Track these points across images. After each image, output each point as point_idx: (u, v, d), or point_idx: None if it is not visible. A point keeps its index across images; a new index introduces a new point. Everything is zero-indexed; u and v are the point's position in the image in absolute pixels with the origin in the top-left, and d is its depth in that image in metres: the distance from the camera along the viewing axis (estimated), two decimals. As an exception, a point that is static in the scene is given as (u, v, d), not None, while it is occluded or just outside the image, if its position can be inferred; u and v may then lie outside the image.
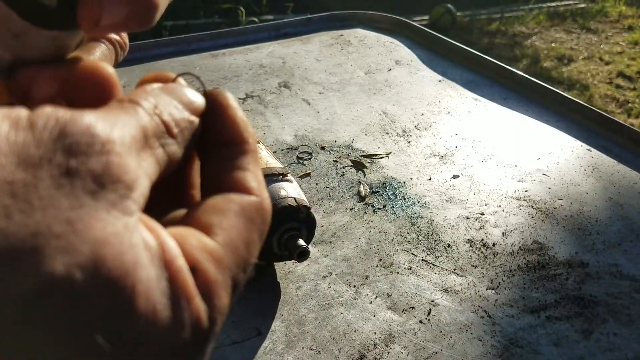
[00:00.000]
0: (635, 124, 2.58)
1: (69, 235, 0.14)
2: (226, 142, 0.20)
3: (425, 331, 0.57)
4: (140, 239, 0.15)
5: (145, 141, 0.17)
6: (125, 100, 0.18)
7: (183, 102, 0.19)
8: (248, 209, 0.19)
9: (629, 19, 3.93)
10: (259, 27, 1.22)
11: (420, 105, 0.99)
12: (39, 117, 0.15)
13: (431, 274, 0.64)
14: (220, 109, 0.21)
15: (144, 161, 0.16)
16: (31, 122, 0.14)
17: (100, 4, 0.21)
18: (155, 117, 0.18)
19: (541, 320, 0.59)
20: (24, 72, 0.23)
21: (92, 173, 0.15)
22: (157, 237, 0.16)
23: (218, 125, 0.20)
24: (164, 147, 0.18)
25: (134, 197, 0.15)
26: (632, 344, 0.56)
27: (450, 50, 1.16)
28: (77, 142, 0.15)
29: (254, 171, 0.20)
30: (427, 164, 0.83)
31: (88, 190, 0.14)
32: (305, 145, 0.86)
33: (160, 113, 0.18)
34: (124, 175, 0.15)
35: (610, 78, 3.05)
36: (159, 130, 0.18)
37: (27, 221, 0.13)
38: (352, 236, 0.68)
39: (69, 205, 0.14)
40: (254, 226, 0.19)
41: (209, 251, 0.17)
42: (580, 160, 0.86)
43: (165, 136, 0.18)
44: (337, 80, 1.05)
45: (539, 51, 3.37)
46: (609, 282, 0.64)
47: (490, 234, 0.70)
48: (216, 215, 0.18)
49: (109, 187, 0.15)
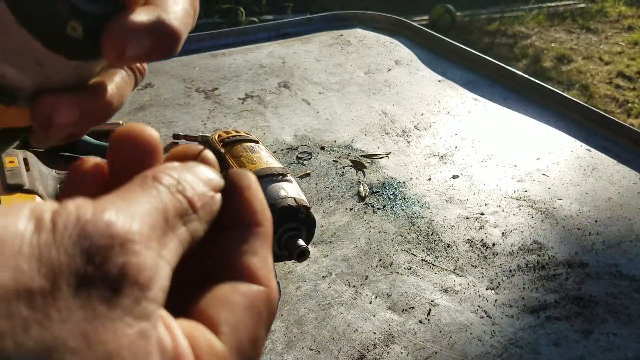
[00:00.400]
0: (635, 124, 2.58)
1: (83, 350, 0.14)
2: (240, 223, 0.20)
3: (425, 331, 0.57)
4: (156, 344, 0.15)
5: (167, 224, 0.17)
6: (149, 177, 0.18)
7: (204, 179, 0.19)
8: (256, 303, 0.19)
9: (629, 19, 3.93)
10: (259, 27, 1.22)
11: (420, 105, 0.99)
12: (61, 216, 0.15)
13: (431, 274, 0.64)
14: (240, 189, 0.21)
15: (165, 248, 0.16)
16: (54, 223, 0.15)
17: (125, 36, 0.21)
18: (177, 195, 0.18)
19: (541, 320, 0.59)
20: (46, 99, 0.23)
21: (109, 279, 0.15)
22: (173, 338, 0.16)
23: (235, 204, 0.20)
24: (186, 225, 0.18)
25: (151, 297, 0.15)
26: (632, 344, 0.56)
27: (450, 50, 1.16)
28: (96, 245, 0.15)
29: (264, 257, 0.20)
30: (427, 164, 0.83)
31: (104, 298, 0.14)
32: (305, 146, 0.86)
33: (183, 190, 0.18)
34: (140, 276, 0.15)
35: (610, 78, 3.05)
36: (181, 208, 0.18)
37: (44, 335, 0.13)
38: (351, 236, 0.68)
39: (84, 316, 0.14)
40: (261, 321, 0.19)
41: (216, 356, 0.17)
42: (580, 160, 0.86)
43: (188, 213, 0.18)
44: (336, 81, 1.05)
45: (539, 51, 3.37)
46: (608, 282, 0.64)
47: (490, 234, 0.70)
48: (224, 310, 0.18)
49: (124, 291, 0.15)
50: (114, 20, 0.22)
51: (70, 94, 0.23)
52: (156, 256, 0.16)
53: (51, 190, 0.58)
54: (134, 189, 0.17)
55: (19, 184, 0.53)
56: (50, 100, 0.23)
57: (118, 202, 0.16)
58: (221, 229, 0.20)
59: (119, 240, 0.15)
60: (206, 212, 0.19)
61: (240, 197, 0.20)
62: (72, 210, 0.15)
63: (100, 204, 0.16)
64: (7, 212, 0.15)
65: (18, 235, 0.14)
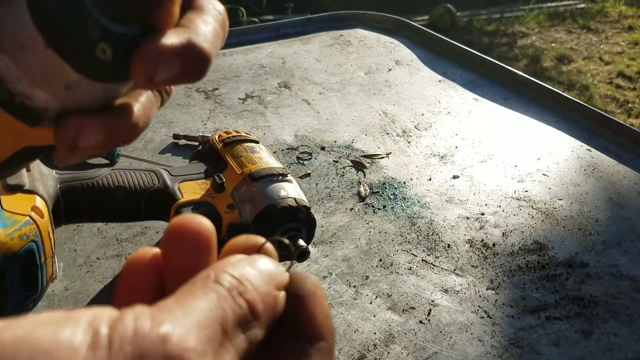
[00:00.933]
0: (635, 124, 2.58)
1: None
2: (303, 334, 0.19)
3: (425, 331, 0.57)
4: None
5: (225, 336, 0.16)
6: (211, 278, 0.17)
7: (268, 275, 0.18)
8: None
9: (629, 19, 3.93)
10: (259, 27, 1.22)
11: (420, 105, 0.99)
12: (118, 331, 0.14)
13: (431, 274, 0.64)
14: (304, 296, 0.19)
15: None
16: (110, 340, 0.14)
17: (155, 60, 0.21)
18: (239, 299, 0.17)
19: (541, 321, 0.59)
20: (71, 122, 0.23)
21: None
22: None
23: (298, 312, 0.19)
24: (245, 332, 0.17)
25: None
26: (632, 344, 0.56)
27: (450, 51, 1.16)
28: None
29: None
30: (427, 164, 0.83)
31: None
32: (305, 146, 0.86)
33: (244, 291, 0.17)
34: None
35: (610, 78, 3.05)
36: (241, 315, 0.17)
37: None
38: (352, 236, 0.68)
39: None
40: None
41: None
42: (580, 160, 0.86)
43: (248, 319, 0.17)
44: (337, 81, 1.05)
45: (539, 51, 3.37)
46: (609, 282, 0.64)
47: (490, 234, 0.70)
48: None
49: None
50: (143, 43, 0.21)
51: (95, 116, 0.23)
52: None
53: (51, 190, 0.58)
54: (195, 292, 0.17)
55: (20, 184, 0.53)
56: (75, 122, 0.22)
57: (176, 310, 0.16)
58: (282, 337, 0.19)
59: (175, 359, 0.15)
60: (267, 315, 0.18)
61: (305, 305, 0.19)
62: (130, 323, 0.15)
63: (159, 316, 0.15)
64: (64, 320, 0.14)
65: (74, 350, 0.14)
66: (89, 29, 0.20)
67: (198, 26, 0.23)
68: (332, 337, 0.19)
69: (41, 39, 0.20)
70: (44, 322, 0.14)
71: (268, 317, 0.18)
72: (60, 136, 0.23)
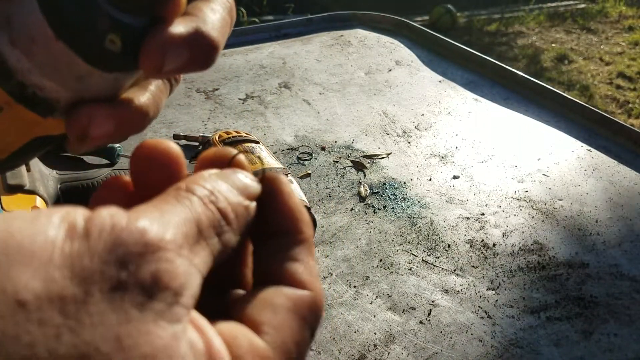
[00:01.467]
0: (635, 124, 2.58)
1: (116, 353, 0.13)
2: (280, 231, 0.20)
3: (425, 332, 0.57)
4: (188, 346, 0.15)
5: (200, 234, 0.17)
6: (182, 188, 0.18)
7: (239, 187, 0.19)
8: (300, 305, 0.19)
9: (629, 19, 3.93)
10: (259, 28, 1.22)
11: (421, 105, 0.99)
12: (95, 223, 0.15)
13: (431, 275, 0.64)
14: (275, 196, 0.20)
15: (196, 256, 0.16)
16: (87, 231, 0.14)
17: (162, 50, 0.21)
18: (211, 206, 0.18)
19: (541, 321, 0.59)
20: (82, 112, 0.23)
21: (142, 285, 0.15)
22: (205, 339, 0.16)
23: (272, 212, 0.20)
24: (219, 235, 0.18)
25: (183, 302, 0.15)
26: (633, 345, 0.56)
27: (450, 51, 1.16)
28: (130, 252, 0.15)
29: (308, 263, 0.20)
30: (428, 165, 0.83)
31: (136, 302, 0.14)
32: (305, 146, 0.86)
33: (216, 201, 0.18)
34: (172, 282, 0.15)
35: (611, 78, 3.05)
36: (214, 219, 0.18)
37: (76, 341, 0.13)
38: (352, 237, 0.68)
39: (117, 320, 0.14)
40: (306, 325, 0.18)
41: (259, 354, 0.17)
42: (580, 160, 0.86)
43: (221, 224, 0.18)
44: (337, 81, 1.05)
45: (539, 51, 3.37)
46: (609, 282, 0.64)
47: (491, 234, 0.70)
48: (267, 311, 0.18)
49: (157, 296, 0.15)
50: (151, 33, 0.22)
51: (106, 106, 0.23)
52: (188, 264, 0.16)
53: (52, 190, 0.58)
54: (168, 200, 0.17)
55: (20, 185, 0.53)
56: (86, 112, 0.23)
57: (152, 211, 0.16)
58: (262, 237, 0.20)
59: (153, 248, 0.15)
60: (240, 222, 0.19)
61: (277, 204, 0.20)
62: (107, 217, 0.15)
63: (135, 213, 0.16)
64: (35, 217, 0.14)
65: (49, 243, 0.14)
66: (98, 21, 0.21)
67: (206, 14, 0.23)
68: (310, 230, 0.20)
69: (51, 32, 0.21)
70: (13, 217, 0.14)
71: (240, 224, 0.19)
72: (72, 126, 0.23)
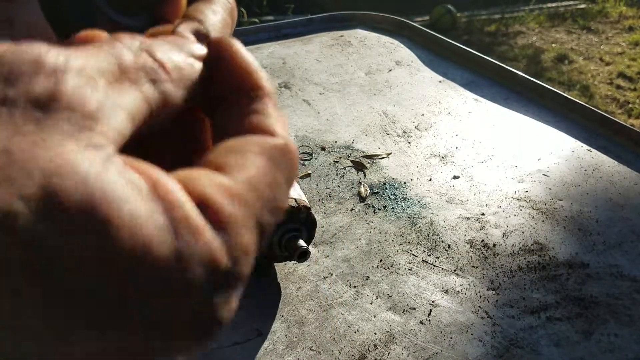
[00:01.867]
0: (635, 124, 2.58)
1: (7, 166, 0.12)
2: (240, 90, 0.19)
3: (425, 332, 0.56)
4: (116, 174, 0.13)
5: (123, 74, 0.15)
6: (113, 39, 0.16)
7: (180, 45, 0.18)
8: (271, 151, 0.17)
9: (630, 19, 3.93)
10: (260, 28, 1.22)
11: (421, 105, 0.99)
12: None
13: (432, 275, 0.63)
14: (227, 57, 0.19)
15: (120, 95, 0.15)
16: None
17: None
18: (143, 54, 0.16)
19: (542, 321, 0.59)
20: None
21: (35, 100, 0.13)
22: (147, 176, 0.14)
23: (227, 74, 0.19)
24: (154, 83, 0.16)
25: (102, 131, 0.14)
26: (633, 345, 0.56)
27: (450, 51, 1.16)
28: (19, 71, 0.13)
29: (275, 114, 0.18)
30: (428, 165, 0.83)
31: (30, 118, 0.13)
32: (305, 146, 0.86)
33: (152, 52, 0.17)
34: (79, 105, 0.14)
35: (611, 79, 3.05)
36: (146, 65, 0.16)
37: None
38: (352, 237, 0.68)
39: (5, 135, 0.12)
40: (277, 167, 0.17)
41: (223, 187, 0.15)
42: (580, 160, 0.86)
43: (157, 72, 0.16)
44: (337, 81, 1.05)
45: (540, 51, 3.37)
46: (609, 282, 0.64)
47: (491, 234, 0.70)
48: (232, 154, 0.16)
49: (56, 114, 0.13)
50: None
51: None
52: (104, 96, 0.15)
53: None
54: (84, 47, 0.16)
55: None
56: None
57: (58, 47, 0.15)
58: (220, 100, 0.19)
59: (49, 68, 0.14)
60: (182, 76, 0.17)
61: (230, 64, 0.19)
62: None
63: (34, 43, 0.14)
64: None
65: None
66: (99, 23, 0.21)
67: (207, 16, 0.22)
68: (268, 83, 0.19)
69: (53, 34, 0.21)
70: None
71: (182, 78, 0.17)
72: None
